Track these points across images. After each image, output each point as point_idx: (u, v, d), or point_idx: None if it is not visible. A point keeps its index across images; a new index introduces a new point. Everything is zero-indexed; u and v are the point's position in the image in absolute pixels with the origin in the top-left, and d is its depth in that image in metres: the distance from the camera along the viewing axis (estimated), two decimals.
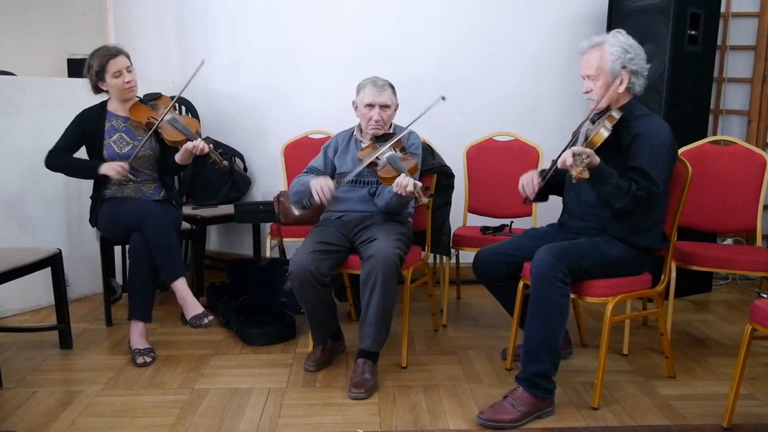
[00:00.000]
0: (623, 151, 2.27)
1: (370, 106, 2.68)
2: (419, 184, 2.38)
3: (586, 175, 2.04)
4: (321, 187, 2.54)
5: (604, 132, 2.20)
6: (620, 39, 2.30)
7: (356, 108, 2.77)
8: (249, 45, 4.08)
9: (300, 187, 2.68)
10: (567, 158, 2.09)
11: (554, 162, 2.28)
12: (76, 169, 2.93)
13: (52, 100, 3.36)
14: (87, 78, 2.88)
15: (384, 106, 2.69)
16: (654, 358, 2.75)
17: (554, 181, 2.47)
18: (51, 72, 4.88)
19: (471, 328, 3.16)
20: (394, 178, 2.43)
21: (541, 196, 2.53)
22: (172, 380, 2.54)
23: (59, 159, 2.89)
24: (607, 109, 2.34)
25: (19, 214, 3.30)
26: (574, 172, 2.03)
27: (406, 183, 2.37)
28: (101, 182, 2.92)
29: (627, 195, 2.15)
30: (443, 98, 2.56)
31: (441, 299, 3.28)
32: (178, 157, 2.92)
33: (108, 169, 2.80)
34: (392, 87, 2.74)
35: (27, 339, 2.95)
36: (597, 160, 2.12)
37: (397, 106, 2.78)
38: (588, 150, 2.08)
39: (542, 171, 2.50)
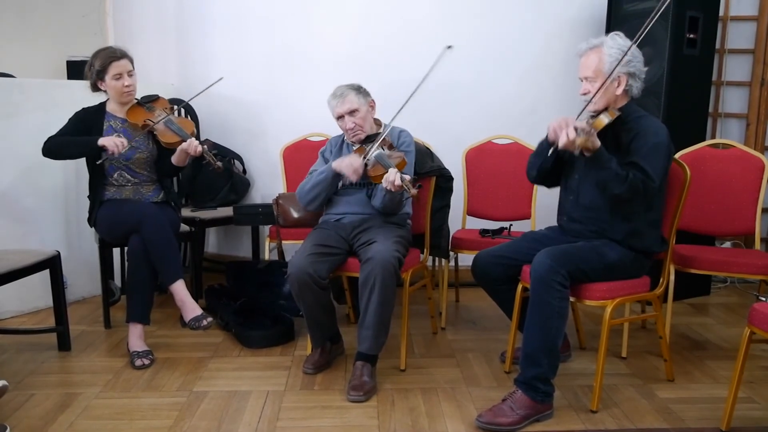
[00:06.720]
0: (623, 151, 2.28)
1: (341, 117, 2.70)
2: (407, 177, 2.40)
3: (590, 144, 2.12)
4: (353, 167, 2.52)
5: (604, 118, 2.24)
6: (618, 41, 2.31)
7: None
8: (248, 47, 4.07)
9: (318, 176, 2.66)
10: (570, 133, 2.12)
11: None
12: (72, 145, 2.84)
13: (52, 102, 3.36)
14: (87, 74, 2.88)
15: (351, 112, 2.68)
16: (653, 361, 2.75)
17: (556, 166, 2.48)
18: (50, 74, 4.87)
19: (470, 331, 3.16)
20: (383, 175, 2.44)
21: (550, 179, 2.56)
22: (171, 383, 2.54)
23: (55, 140, 2.83)
24: (605, 110, 2.35)
25: (18, 216, 3.30)
26: (578, 142, 2.10)
27: (393, 178, 2.39)
28: (99, 183, 2.92)
29: (625, 182, 2.18)
30: (449, 47, 2.55)
31: (440, 302, 3.28)
32: (174, 159, 2.92)
33: (107, 140, 2.75)
34: (356, 88, 2.70)
35: (25, 341, 2.95)
36: (598, 142, 2.16)
37: (371, 103, 2.75)
38: (587, 126, 2.15)
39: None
